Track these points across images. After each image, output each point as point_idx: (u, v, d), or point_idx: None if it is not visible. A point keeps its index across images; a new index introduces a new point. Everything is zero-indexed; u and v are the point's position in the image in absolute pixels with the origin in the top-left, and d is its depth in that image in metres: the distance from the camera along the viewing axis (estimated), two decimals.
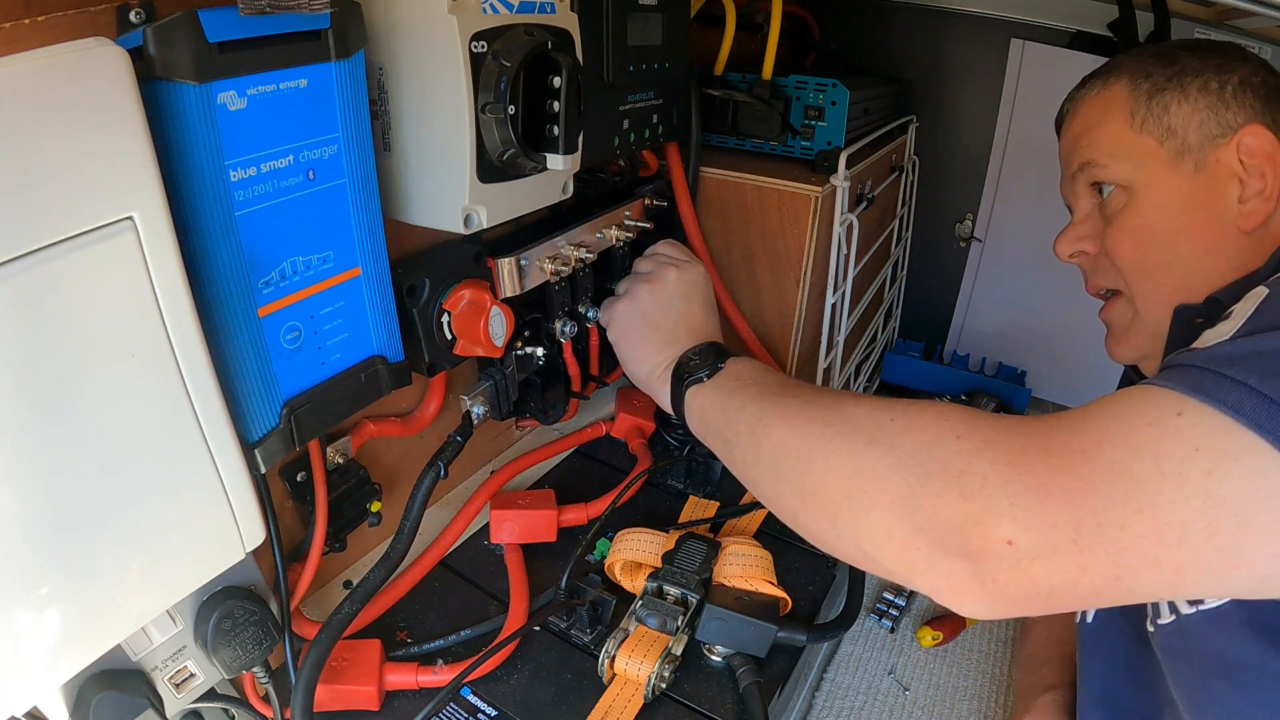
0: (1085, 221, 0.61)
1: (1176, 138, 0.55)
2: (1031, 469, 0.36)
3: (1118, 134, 0.57)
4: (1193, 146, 0.54)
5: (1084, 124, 0.60)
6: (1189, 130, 0.54)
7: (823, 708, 0.78)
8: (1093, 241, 0.61)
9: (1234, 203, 0.53)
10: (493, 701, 0.59)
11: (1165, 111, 0.55)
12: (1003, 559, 0.36)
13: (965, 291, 1.41)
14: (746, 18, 0.94)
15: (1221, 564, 0.34)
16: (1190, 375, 0.37)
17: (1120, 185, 0.57)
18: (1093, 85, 0.61)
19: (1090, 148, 0.59)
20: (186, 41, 0.37)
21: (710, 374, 0.58)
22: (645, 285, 0.67)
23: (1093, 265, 0.62)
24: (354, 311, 0.51)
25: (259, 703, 0.57)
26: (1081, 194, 0.61)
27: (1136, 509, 0.34)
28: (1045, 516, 0.35)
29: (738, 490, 0.82)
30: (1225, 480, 0.33)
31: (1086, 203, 0.61)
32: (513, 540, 0.73)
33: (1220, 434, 0.34)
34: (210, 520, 0.45)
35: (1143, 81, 0.56)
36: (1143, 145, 0.56)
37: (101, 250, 0.35)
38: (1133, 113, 0.56)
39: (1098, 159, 0.58)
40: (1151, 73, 0.56)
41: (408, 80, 0.52)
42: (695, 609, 0.62)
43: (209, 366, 0.42)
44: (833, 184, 0.86)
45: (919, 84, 1.28)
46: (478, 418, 0.69)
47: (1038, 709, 0.69)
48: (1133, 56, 0.59)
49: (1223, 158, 0.53)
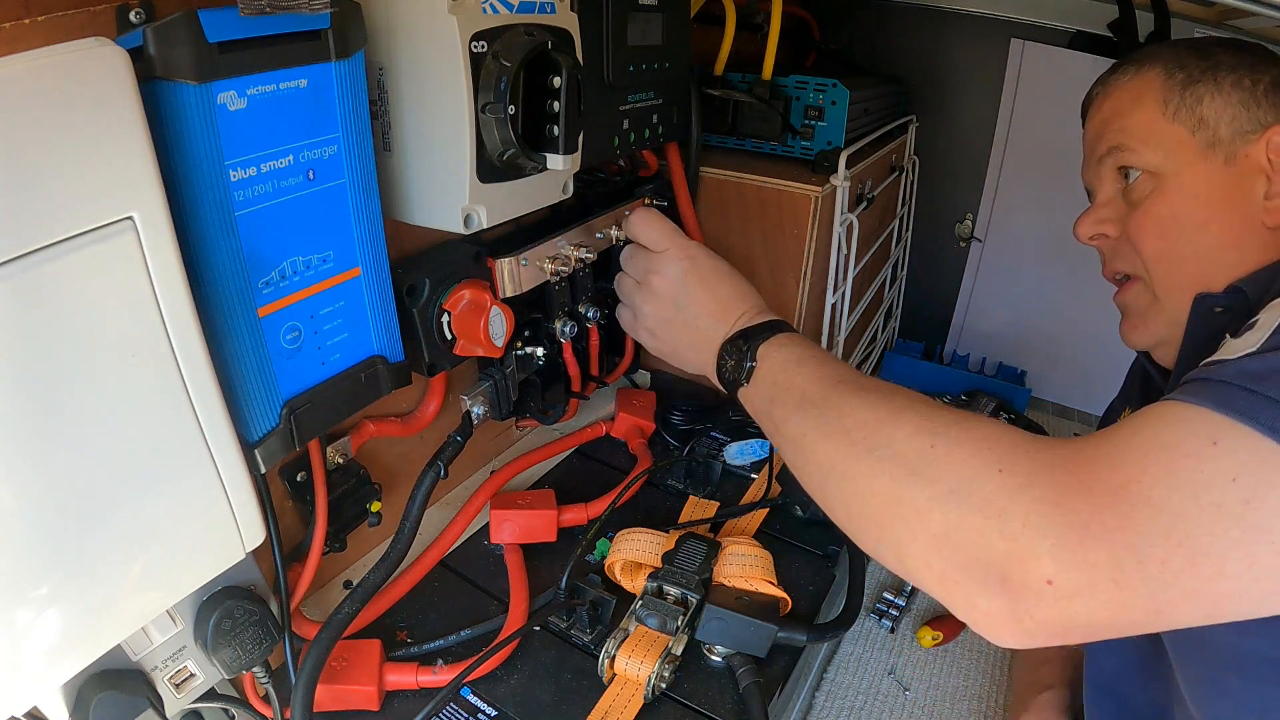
0: (1108, 205, 0.61)
1: (1208, 129, 0.54)
2: (1074, 508, 0.36)
3: (1150, 120, 0.57)
4: (1223, 139, 0.54)
5: (1115, 108, 0.60)
6: (1221, 123, 0.54)
7: (823, 708, 0.78)
8: (1114, 225, 0.61)
9: (1260, 198, 0.53)
10: (493, 701, 0.58)
11: (1199, 103, 0.55)
12: (1042, 597, 0.36)
13: (965, 291, 1.41)
14: (746, 18, 0.94)
15: (1261, 591, 0.34)
16: (1221, 391, 0.37)
17: (1148, 171, 0.57)
18: (1126, 71, 0.60)
19: (1121, 132, 0.59)
20: (186, 41, 0.37)
21: (748, 377, 0.55)
22: (642, 298, 0.63)
23: (1112, 249, 0.62)
24: (354, 311, 0.51)
25: (259, 703, 0.57)
26: (1106, 178, 0.61)
27: (1176, 544, 0.34)
28: (1086, 557, 0.35)
29: (738, 490, 0.82)
30: (1262, 507, 0.33)
31: (1110, 187, 0.61)
32: (513, 540, 0.73)
33: (1256, 460, 0.34)
34: (210, 520, 0.45)
35: (1177, 72, 0.56)
36: (1174, 134, 0.56)
37: (101, 250, 0.35)
38: (1166, 101, 0.56)
39: (1128, 143, 0.58)
40: (1186, 64, 0.56)
41: (408, 80, 0.52)
42: (695, 609, 0.62)
43: (209, 366, 0.42)
44: (833, 184, 0.86)
45: (919, 84, 1.28)
46: (478, 418, 0.69)
47: (1036, 707, 0.69)
48: (1166, 47, 0.59)
49: (1252, 153, 0.53)
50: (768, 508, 0.78)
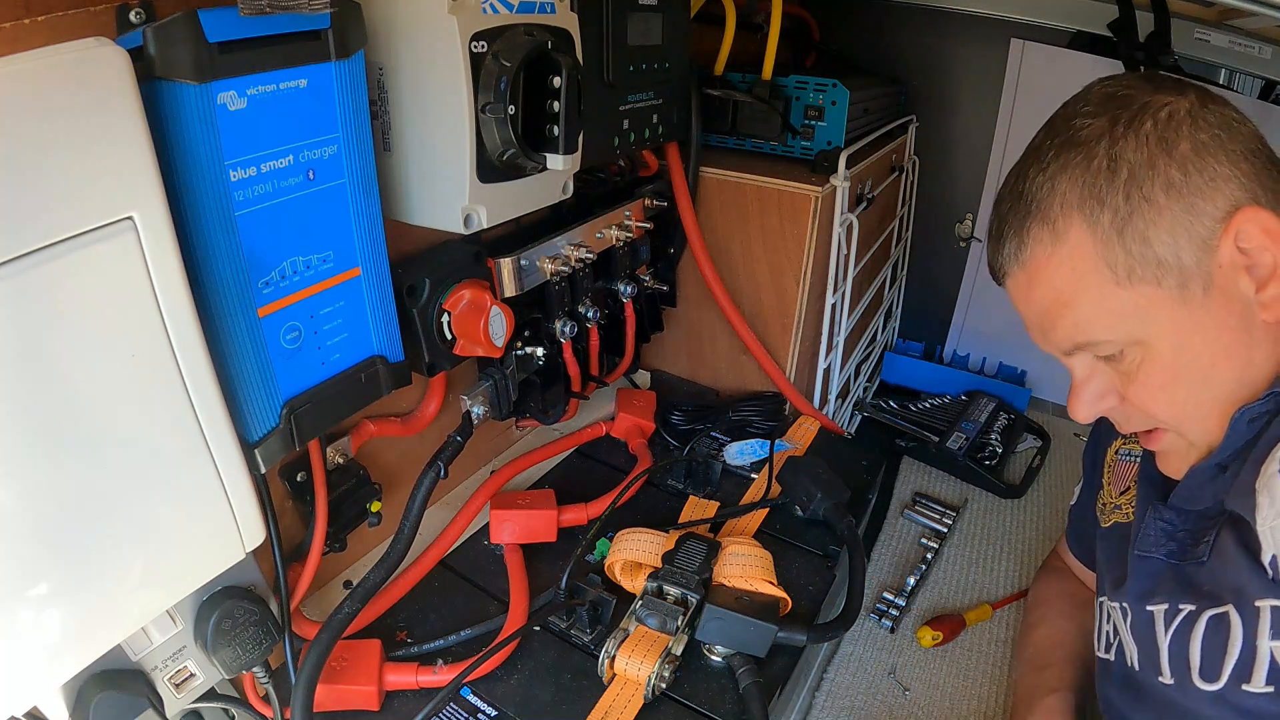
0: (1094, 378, 0.52)
1: (1172, 269, 0.45)
2: None
3: (1103, 299, 0.47)
4: (1191, 267, 0.45)
5: (1054, 297, 0.49)
6: (1182, 251, 0.45)
7: (823, 708, 0.78)
8: (1113, 395, 0.52)
9: (1251, 296, 0.45)
10: (493, 701, 0.58)
11: (1146, 245, 0.45)
12: None
13: (965, 291, 1.41)
14: (746, 18, 0.94)
15: None
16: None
17: (1130, 344, 0.48)
18: (1038, 240, 0.49)
19: (1078, 329, 0.49)
20: (186, 41, 0.37)
21: None
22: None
23: (1123, 415, 0.53)
24: (354, 311, 0.51)
25: (259, 703, 0.57)
26: (1081, 363, 0.52)
27: None
28: None
29: (738, 490, 0.82)
30: None
31: (1087, 365, 0.52)
32: (513, 540, 0.73)
33: None
34: (210, 520, 0.45)
35: (1101, 216, 0.46)
36: (1138, 298, 0.46)
37: (101, 250, 0.35)
38: (1110, 263, 0.46)
39: (1096, 338, 0.49)
40: (1102, 197, 0.46)
41: (408, 80, 0.52)
42: (695, 609, 0.62)
43: (209, 366, 0.42)
44: (833, 184, 0.86)
45: (919, 84, 1.28)
46: (478, 418, 0.69)
47: (1042, 710, 0.68)
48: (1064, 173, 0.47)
49: (1223, 260, 0.45)
50: (768, 508, 0.78)
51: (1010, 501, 1.09)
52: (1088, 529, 0.75)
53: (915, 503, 1.07)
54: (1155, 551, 0.56)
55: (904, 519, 1.05)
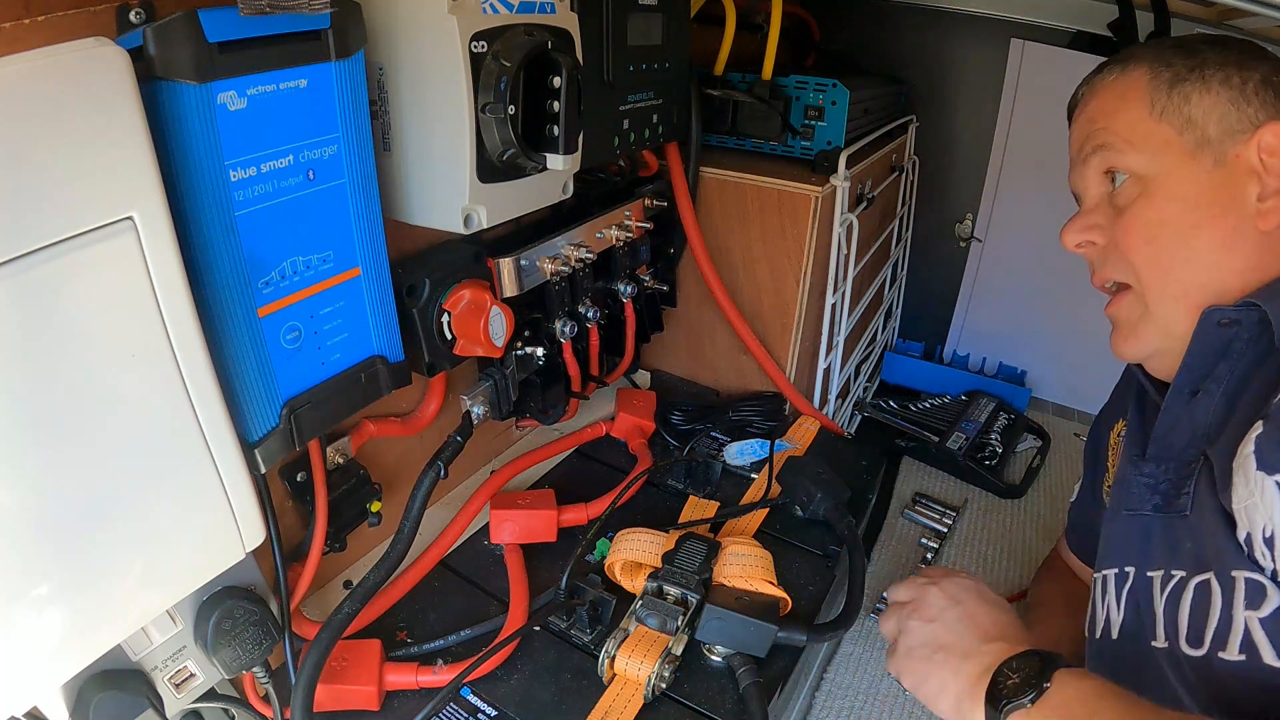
0: (1095, 210, 0.59)
1: (1196, 129, 0.53)
2: None
3: (1136, 120, 0.55)
4: (1212, 140, 0.52)
5: (1100, 108, 0.58)
6: (1209, 123, 0.53)
7: (823, 708, 0.78)
8: (1102, 231, 0.59)
9: (1253, 200, 0.51)
10: (493, 701, 0.58)
11: (1186, 102, 0.53)
12: None
13: (965, 291, 1.41)
14: (746, 18, 0.94)
15: None
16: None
17: (1135, 175, 0.56)
18: (1111, 71, 0.59)
19: (1106, 131, 0.57)
20: (186, 41, 0.37)
21: (1035, 697, 0.47)
22: (910, 614, 0.60)
23: (1101, 256, 0.60)
24: (354, 311, 0.51)
25: (259, 703, 0.57)
26: (1092, 181, 0.59)
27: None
28: None
29: (738, 490, 0.82)
30: None
31: (1097, 191, 0.59)
32: (513, 540, 0.73)
33: None
34: (210, 520, 0.45)
35: (1163, 70, 0.55)
36: (1161, 134, 0.54)
37: (101, 250, 0.35)
38: (1153, 100, 0.55)
39: (1113, 143, 0.56)
40: (1172, 62, 0.55)
41: (408, 80, 0.52)
42: (695, 609, 0.62)
43: (209, 366, 0.42)
44: (833, 184, 0.86)
45: (919, 84, 1.28)
46: (478, 418, 0.69)
47: None
48: (1151, 46, 0.58)
49: (1242, 154, 0.52)
50: (768, 508, 0.78)
51: (1010, 501, 1.09)
52: (1088, 527, 0.75)
53: (915, 503, 1.07)
54: (1143, 507, 0.57)
55: (904, 519, 1.05)
